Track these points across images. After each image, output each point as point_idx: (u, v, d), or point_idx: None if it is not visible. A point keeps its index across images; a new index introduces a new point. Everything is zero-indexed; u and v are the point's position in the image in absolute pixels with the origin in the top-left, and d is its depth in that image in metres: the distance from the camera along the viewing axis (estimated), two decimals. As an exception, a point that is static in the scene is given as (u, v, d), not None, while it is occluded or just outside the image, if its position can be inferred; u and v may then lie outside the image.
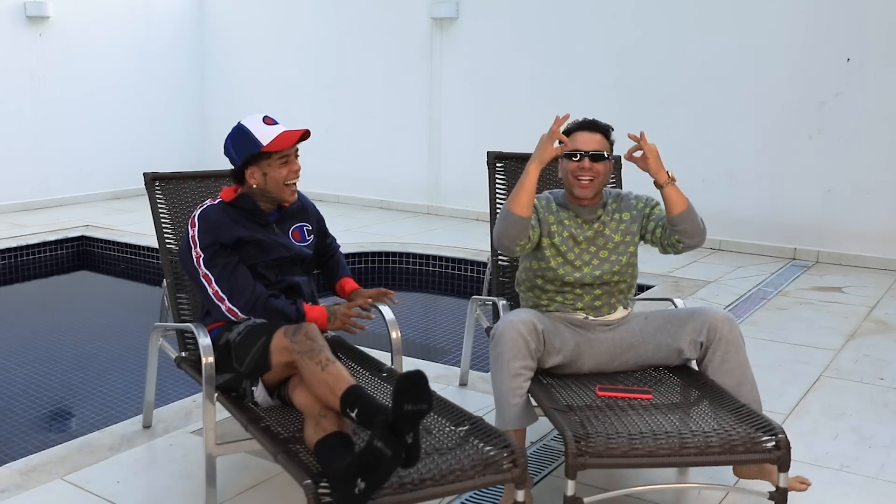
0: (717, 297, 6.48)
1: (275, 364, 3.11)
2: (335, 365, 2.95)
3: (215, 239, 3.38)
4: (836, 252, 7.83)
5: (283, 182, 3.43)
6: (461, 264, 7.70)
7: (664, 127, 8.39)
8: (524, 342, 3.31)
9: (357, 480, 2.47)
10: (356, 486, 2.46)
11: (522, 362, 3.31)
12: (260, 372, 3.20)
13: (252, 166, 3.41)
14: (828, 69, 7.72)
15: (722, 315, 3.48)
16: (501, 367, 3.31)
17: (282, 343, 3.06)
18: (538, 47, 9.14)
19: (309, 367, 2.95)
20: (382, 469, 2.50)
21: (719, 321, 3.45)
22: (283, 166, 3.41)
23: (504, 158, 4.51)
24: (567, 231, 3.61)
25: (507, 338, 3.31)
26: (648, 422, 3.06)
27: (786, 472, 2.93)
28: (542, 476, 3.63)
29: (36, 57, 9.82)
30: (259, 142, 3.37)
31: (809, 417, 4.33)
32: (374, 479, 2.49)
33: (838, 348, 5.42)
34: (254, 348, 3.16)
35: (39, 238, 8.30)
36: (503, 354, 3.31)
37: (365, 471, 2.48)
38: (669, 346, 3.53)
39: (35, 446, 4.12)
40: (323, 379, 2.90)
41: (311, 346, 3.00)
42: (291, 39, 10.83)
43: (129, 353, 5.70)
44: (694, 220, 3.52)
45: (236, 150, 3.43)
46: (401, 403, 2.53)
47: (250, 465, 3.68)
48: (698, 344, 3.48)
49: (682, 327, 3.52)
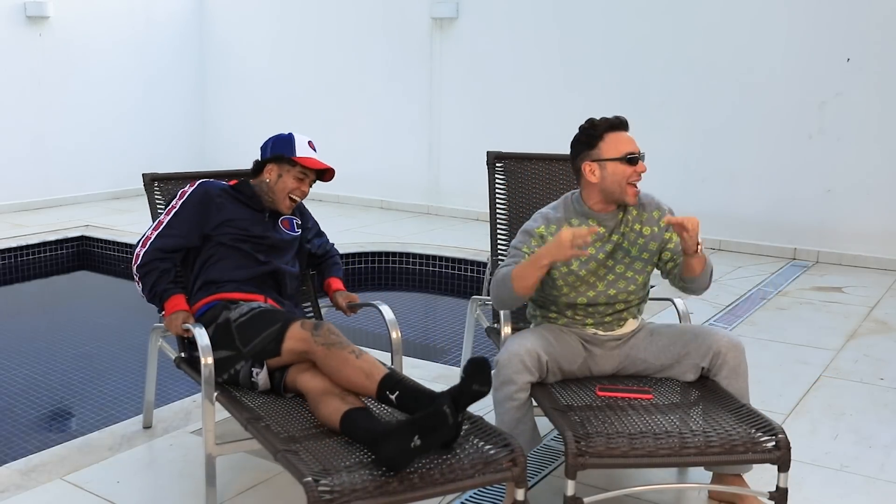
0: (717, 297, 6.48)
1: (286, 351, 3.26)
2: (368, 354, 3.17)
3: (194, 215, 3.66)
4: (836, 252, 7.83)
5: (288, 192, 3.77)
6: (461, 264, 7.70)
7: (664, 127, 8.41)
8: (528, 374, 3.25)
9: (415, 437, 2.61)
10: (412, 442, 2.60)
11: (526, 394, 3.28)
12: (267, 356, 3.31)
13: (275, 164, 3.77)
14: (828, 69, 7.72)
15: (728, 341, 3.36)
16: (505, 399, 3.27)
17: (300, 334, 3.23)
18: (538, 47, 9.14)
19: (341, 355, 3.14)
20: (440, 433, 2.68)
21: (724, 347, 3.35)
22: (297, 181, 3.78)
23: (504, 158, 4.50)
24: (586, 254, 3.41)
25: (511, 371, 3.25)
26: (649, 422, 3.06)
27: (786, 473, 2.93)
28: (542, 476, 3.63)
29: (36, 57, 9.83)
30: (295, 150, 3.78)
31: (809, 417, 4.33)
32: (430, 439, 2.64)
33: (838, 348, 5.42)
34: (265, 332, 3.30)
35: (39, 238, 8.30)
36: (506, 386, 3.26)
37: (424, 431, 2.63)
38: (673, 368, 3.46)
39: (35, 446, 4.12)
40: (359, 366, 3.11)
41: (338, 339, 3.20)
42: (292, 39, 10.83)
43: (128, 353, 5.71)
44: (706, 281, 3.46)
45: (274, 146, 3.81)
46: (469, 382, 2.81)
47: (250, 464, 3.68)
48: (700, 368, 3.41)
49: (686, 349, 3.42)
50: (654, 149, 8.29)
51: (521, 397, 3.26)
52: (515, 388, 3.24)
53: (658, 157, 8.42)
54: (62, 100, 10.12)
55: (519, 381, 3.24)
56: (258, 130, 10.79)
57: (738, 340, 3.41)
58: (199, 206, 3.67)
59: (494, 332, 4.04)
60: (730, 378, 3.35)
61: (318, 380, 3.17)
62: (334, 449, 2.86)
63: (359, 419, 2.93)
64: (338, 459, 2.77)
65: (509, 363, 3.25)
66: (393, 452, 2.59)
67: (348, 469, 2.68)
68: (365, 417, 2.95)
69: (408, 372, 3.63)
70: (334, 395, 3.08)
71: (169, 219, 3.65)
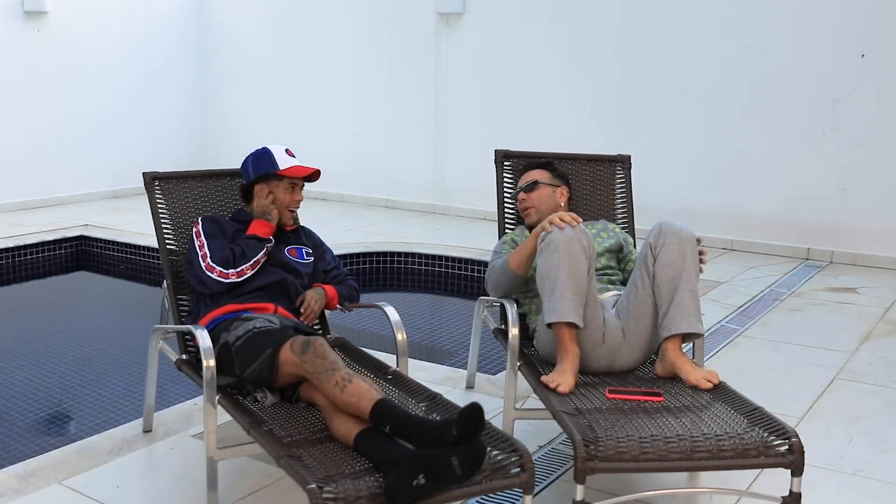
0: (728, 297, 6.47)
1: (282, 376, 3.24)
2: (353, 383, 3.01)
3: (216, 227, 3.83)
4: (850, 252, 7.82)
5: (285, 206, 3.87)
6: (468, 264, 7.70)
7: (675, 124, 8.40)
8: (583, 251, 3.51)
9: (419, 475, 2.58)
10: (416, 479, 2.58)
11: (584, 266, 3.51)
12: (264, 383, 3.31)
13: (262, 183, 3.86)
14: (842, 65, 7.70)
15: (677, 223, 3.65)
16: (560, 257, 3.48)
17: (291, 359, 3.17)
18: (547, 42, 9.13)
19: (327, 389, 3.04)
20: (445, 479, 2.63)
21: (671, 225, 3.63)
22: (289, 192, 3.87)
23: (512, 157, 4.51)
24: None
25: (564, 240, 3.49)
26: (659, 425, 3.06)
27: (799, 477, 2.93)
28: (551, 481, 3.63)
29: (34, 52, 9.83)
30: (277, 164, 3.83)
31: (823, 421, 4.32)
32: (434, 481, 2.61)
33: (852, 350, 5.42)
34: (259, 358, 3.25)
35: (37, 238, 8.31)
36: (559, 250, 3.48)
37: (430, 472, 2.60)
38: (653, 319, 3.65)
39: (33, 450, 4.13)
40: (345, 401, 2.98)
41: (324, 364, 3.08)
42: (295, 35, 10.83)
43: (128, 355, 5.71)
44: None
45: (255, 166, 3.88)
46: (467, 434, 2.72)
47: (252, 469, 3.68)
48: (648, 245, 3.65)
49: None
50: (663, 146, 8.36)
51: (572, 261, 3.49)
52: (567, 249, 3.48)
53: (668, 154, 8.47)
54: (61, 96, 10.12)
55: (571, 249, 3.49)
56: (261, 127, 10.92)
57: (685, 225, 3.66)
58: (213, 224, 3.85)
59: (502, 333, 4.06)
60: (671, 243, 3.58)
61: None
62: (339, 455, 2.86)
63: (370, 443, 2.87)
64: (343, 465, 2.77)
65: (562, 241, 3.50)
66: (395, 485, 2.57)
67: (353, 476, 2.68)
68: (376, 441, 2.87)
69: (413, 374, 3.64)
70: (341, 412, 3.03)
71: (207, 244, 3.74)
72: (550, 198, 4.16)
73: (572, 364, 3.47)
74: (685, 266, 3.54)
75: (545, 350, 3.74)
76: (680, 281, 3.53)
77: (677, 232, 3.59)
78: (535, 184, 4.16)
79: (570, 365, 3.47)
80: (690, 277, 3.55)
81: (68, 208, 9.84)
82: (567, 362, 3.48)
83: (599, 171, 4.58)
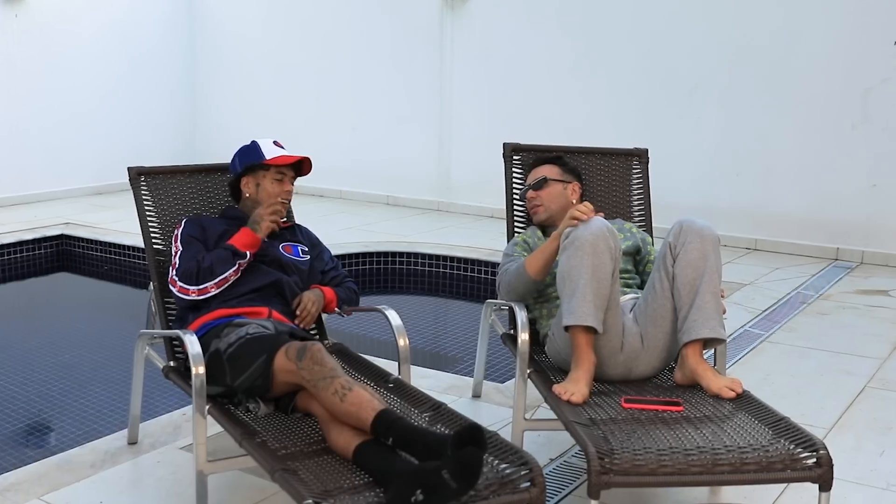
0: (753, 300, 6.47)
1: (278, 385, 3.24)
2: (354, 392, 3.01)
3: (196, 231, 3.81)
4: (882, 252, 7.81)
5: (274, 198, 3.85)
6: (474, 265, 7.70)
7: (695, 116, 8.40)
8: (609, 251, 3.49)
9: (417, 491, 2.59)
10: (414, 496, 2.59)
11: (608, 268, 3.48)
12: (258, 392, 3.31)
13: (248, 176, 3.90)
14: (873, 52, 7.69)
15: (699, 222, 3.63)
16: (584, 257, 3.45)
17: (286, 366, 3.16)
18: (558, 27, 9.13)
19: (325, 398, 3.03)
20: (442, 496, 2.62)
21: (692, 223, 3.61)
22: (277, 183, 3.89)
23: (522, 150, 4.51)
24: None
25: (590, 239, 3.47)
26: (678, 436, 3.06)
27: (828, 492, 2.92)
28: (563, 496, 3.63)
29: (12, 40, 9.83)
30: (263, 155, 3.87)
31: (853, 432, 4.32)
32: (432, 498, 2.61)
33: (885, 357, 5.41)
34: (252, 366, 3.26)
35: (15, 237, 8.32)
36: (584, 248, 3.46)
37: (428, 488, 2.60)
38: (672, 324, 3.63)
39: (11, 463, 4.13)
40: (345, 411, 2.98)
41: (322, 372, 3.08)
42: (290, 23, 10.84)
43: (112, 362, 5.72)
44: None
45: (241, 159, 3.93)
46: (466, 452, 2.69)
47: (244, 483, 3.68)
48: (668, 244, 3.63)
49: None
50: (684, 140, 8.35)
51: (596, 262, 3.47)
52: (591, 248, 3.46)
53: (688, 149, 8.46)
54: (40, 86, 10.13)
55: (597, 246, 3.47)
56: (254, 119, 10.93)
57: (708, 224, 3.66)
58: (195, 228, 3.83)
59: (511, 338, 4.05)
60: (693, 242, 3.57)
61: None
62: (336, 468, 2.86)
63: (371, 456, 2.87)
64: (341, 480, 2.77)
65: (588, 237, 3.47)
66: (393, 502, 2.59)
67: (352, 491, 2.68)
68: (377, 454, 2.86)
69: (416, 382, 3.64)
70: (340, 423, 3.03)
71: (180, 252, 3.73)
72: (561, 195, 4.15)
73: (587, 372, 3.46)
74: (707, 267, 3.53)
75: (558, 356, 3.74)
76: (701, 283, 3.52)
77: (699, 231, 3.58)
78: (544, 180, 4.16)
79: (584, 373, 3.46)
80: (712, 279, 3.54)
81: (48, 205, 9.84)
82: (581, 370, 3.47)
83: (615, 165, 4.58)
